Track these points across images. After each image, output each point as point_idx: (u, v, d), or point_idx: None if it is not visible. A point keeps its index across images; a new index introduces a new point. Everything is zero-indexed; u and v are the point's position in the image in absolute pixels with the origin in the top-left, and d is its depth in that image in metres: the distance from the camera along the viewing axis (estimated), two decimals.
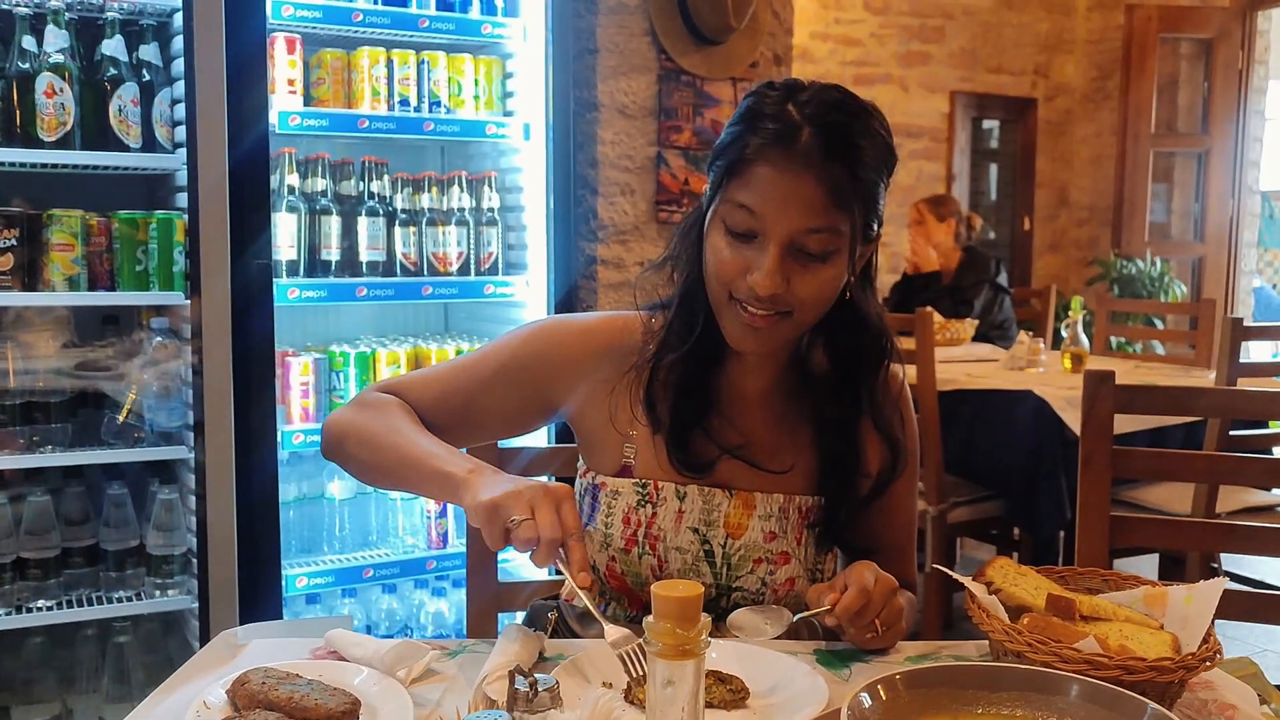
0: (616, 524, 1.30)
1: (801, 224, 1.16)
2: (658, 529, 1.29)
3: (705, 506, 1.29)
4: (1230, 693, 1.06)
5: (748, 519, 1.30)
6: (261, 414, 2.40)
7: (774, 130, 1.17)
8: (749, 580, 1.30)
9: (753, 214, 1.17)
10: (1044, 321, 4.74)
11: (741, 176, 1.19)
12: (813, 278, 1.19)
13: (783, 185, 1.16)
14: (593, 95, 3.07)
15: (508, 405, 1.35)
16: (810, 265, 1.19)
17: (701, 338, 1.28)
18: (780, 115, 1.18)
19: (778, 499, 1.31)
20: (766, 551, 1.30)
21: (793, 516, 1.31)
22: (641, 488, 1.30)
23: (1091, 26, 6.63)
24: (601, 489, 1.32)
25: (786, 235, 1.17)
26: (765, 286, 1.17)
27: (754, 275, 1.18)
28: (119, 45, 2.39)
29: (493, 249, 2.84)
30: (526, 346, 1.36)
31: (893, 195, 4.11)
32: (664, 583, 0.81)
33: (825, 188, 1.16)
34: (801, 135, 1.16)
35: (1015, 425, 3.13)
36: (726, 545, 1.30)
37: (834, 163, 1.16)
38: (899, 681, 0.90)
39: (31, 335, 2.48)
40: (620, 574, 1.31)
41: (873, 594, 1.14)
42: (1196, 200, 6.24)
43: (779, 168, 1.16)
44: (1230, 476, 2.23)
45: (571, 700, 0.98)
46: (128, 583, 2.49)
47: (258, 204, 2.38)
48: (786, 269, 1.18)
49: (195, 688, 1.04)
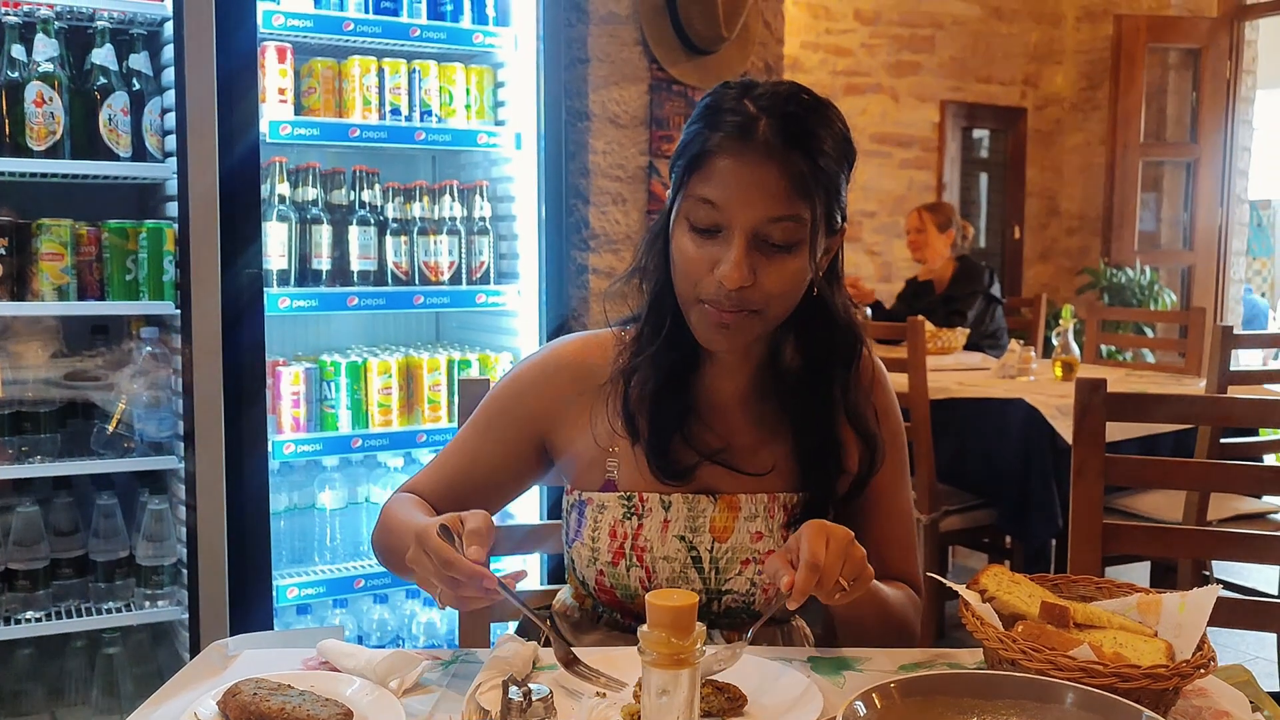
0: (603, 538, 1.30)
1: (765, 213, 1.17)
2: (644, 540, 1.29)
3: (690, 513, 1.29)
4: (1224, 700, 1.06)
5: (733, 521, 1.29)
6: (252, 424, 2.39)
7: (732, 123, 1.18)
8: (738, 582, 1.30)
9: (715, 207, 1.18)
10: (1035, 330, 4.75)
11: (702, 170, 1.19)
12: (778, 270, 1.19)
13: (744, 176, 1.17)
14: (584, 105, 3.08)
15: (505, 457, 1.36)
16: (775, 256, 1.19)
17: (673, 344, 1.28)
18: (738, 109, 1.19)
19: (762, 499, 1.31)
20: (753, 552, 1.30)
21: (778, 515, 1.31)
22: (626, 500, 1.30)
23: (1080, 37, 6.67)
24: (587, 505, 1.32)
25: (750, 225, 1.17)
26: (732, 279, 1.17)
27: (720, 268, 1.18)
28: (109, 54, 2.38)
29: (484, 258, 2.84)
30: (505, 393, 1.37)
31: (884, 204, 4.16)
32: (658, 592, 0.81)
33: (786, 176, 1.16)
34: (759, 126, 1.17)
35: (1007, 433, 3.14)
36: (714, 549, 1.29)
37: (794, 151, 1.17)
38: (894, 689, 0.90)
39: (20, 345, 2.46)
40: (609, 587, 1.31)
41: (824, 564, 1.06)
42: (1185, 209, 6.27)
43: (739, 159, 1.17)
44: (1222, 484, 2.23)
45: (565, 710, 0.98)
46: (117, 594, 2.47)
47: (248, 213, 2.37)
48: (752, 261, 1.18)
49: (186, 699, 1.03)
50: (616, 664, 1.10)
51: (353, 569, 2.73)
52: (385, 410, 2.72)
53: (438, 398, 2.78)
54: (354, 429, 2.70)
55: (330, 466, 2.75)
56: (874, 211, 6.16)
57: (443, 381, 2.79)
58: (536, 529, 1.63)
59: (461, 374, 2.79)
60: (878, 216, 6.18)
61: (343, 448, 2.70)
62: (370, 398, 2.72)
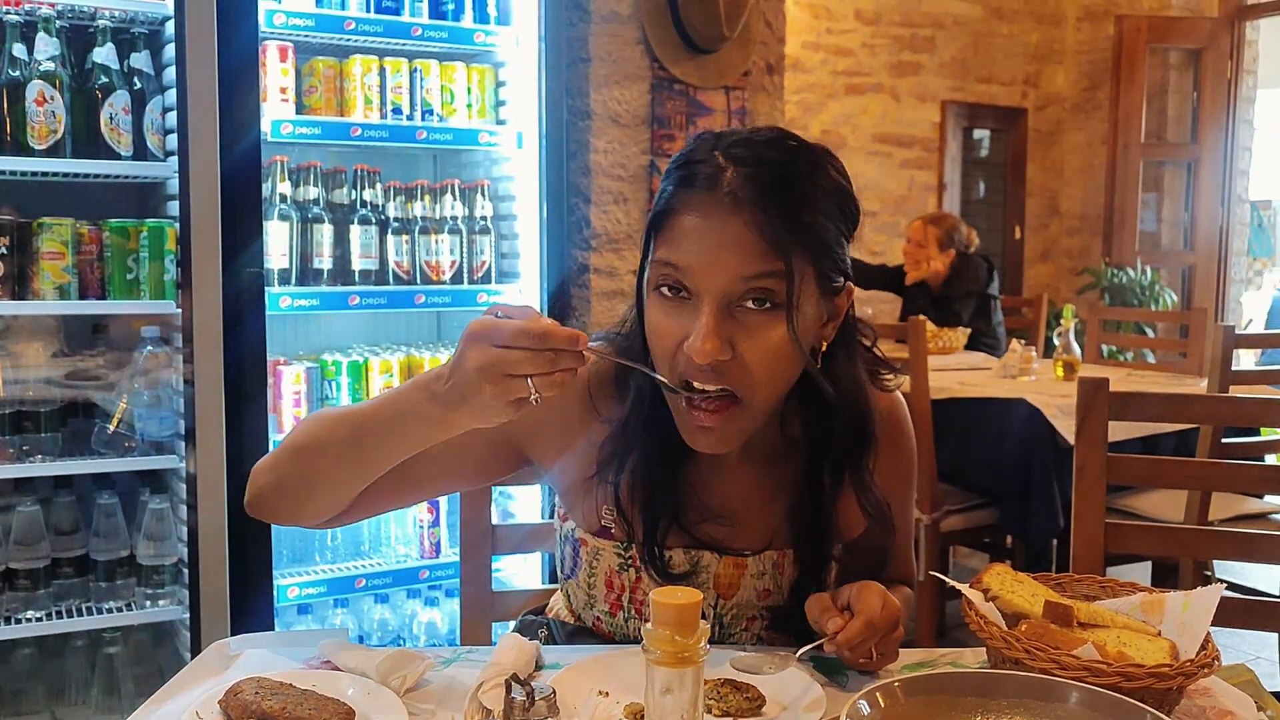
0: (600, 586, 1.24)
1: (735, 272, 1.03)
2: (643, 594, 1.22)
3: (693, 570, 1.21)
4: (1228, 699, 1.06)
5: (739, 578, 1.22)
6: (253, 423, 2.39)
7: (698, 176, 1.06)
8: (743, 638, 1.25)
9: (680, 270, 1.05)
10: (1036, 330, 4.75)
11: (665, 231, 1.07)
12: (759, 341, 1.05)
13: (709, 235, 1.04)
14: (585, 104, 3.07)
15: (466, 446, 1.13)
16: (753, 326, 1.05)
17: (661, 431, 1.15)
18: (707, 159, 1.07)
19: (770, 556, 1.23)
20: (761, 610, 1.24)
21: (787, 571, 1.23)
22: (624, 551, 1.22)
23: (1081, 37, 6.67)
24: (582, 545, 1.25)
25: (719, 290, 1.03)
26: (702, 351, 1.02)
27: (690, 341, 1.03)
28: (110, 53, 2.38)
29: (485, 257, 2.83)
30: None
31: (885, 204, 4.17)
32: (663, 589, 0.80)
33: (757, 232, 1.03)
34: (725, 177, 1.04)
35: (1008, 433, 3.14)
36: (718, 605, 1.23)
37: (767, 203, 1.03)
38: (898, 689, 0.90)
39: (21, 344, 2.46)
40: (608, 633, 1.27)
41: (878, 625, 1.08)
42: (1186, 209, 6.27)
43: (703, 214, 1.04)
44: (1224, 483, 2.23)
45: (568, 709, 0.98)
46: (118, 593, 2.47)
47: (249, 212, 2.37)
48: (727, 331, 1.04)
49: (187, 698, 1.03)
50: (618, 665, 1.10)
51: (354, 568, 2.73)
52: None
53: None
54: None
55: None
56: (875, 211, 6.16)
57: None
58: (537, 529, 1.63)
59: None
60: (879, 216, 6.18)
61: None
62: (372, 397, 2.71)
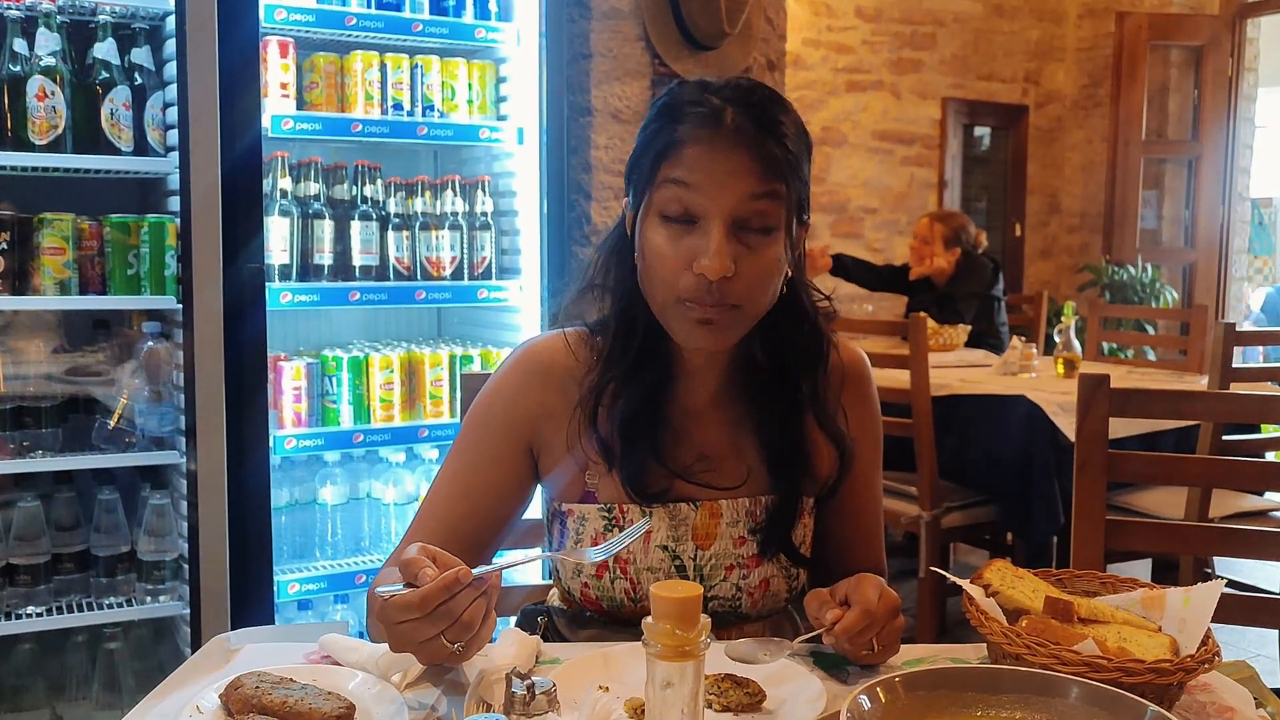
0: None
1: (743, 193, 1.15)
2: (627, 552, 1.27)
3: (672, 522, 1.28)
4: (1228, 695, 1.06)
5: (716, 527, 1.28)
6: (254, 419, 2.39)
7: (699, 114, 1.17)
8: (723, 588, 1.29)
9: (690, 189, 1.16)
10: (1036, 327, 4.75)
11: (673, 159, 1.17)
12: (758, 258, 1.17)
13: (718, 161, 1.16)
14: (586, 100, 3.07)
15: (502, 474, 1.29)
16: (754, 244, 1.17)
17: (644, 361, 1.26)
18: (701, 101, 1.18)
19: (743, 504, 1.29)
20: (738, 557, 1.29)
21: (760, 517, 1.29)
22: (607, 512, 1.28)
23: (1082, 34, 6.66)
24: (568, 515, 1.30)
25: (728, 209, 1.15)
26: (714, 269, 1.14)
27: (701, 260, 1.15)
28: (111, 48, 2.38)
29: (486, 253, 2.83)
30: (486, 408, 1.31)
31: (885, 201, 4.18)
32: (663, 583, 0.80)
33: (759, 160, 1.16)
34: (726, 115, 1.17)
35: (1008, 430, 3.14)
36: (697, 557, 1.28)
37: (764, 136, 1.16)
38: (898, 684, 0.90)
39: (22, 340, 2.46)
40: (595, 599, 1.30)
41: (876, 614, 1.11)
42: (1187, 207, 6.27)
43: (711, 145, 1.16)
44: (1224, 480, 2.23)
45: (569, 704, 0.98)
46: (118, 589, 2.47)
47: (250, 208, 2.37)
48: (733, 250, 1.15)
49: (188, 692, 1.03)
50: (618, 660, 1.10)
51: (354, 564, 2.73)
52: (387, 405, 2.72)
53: (440, 393, 2.78)
54: (355, 424, 2.70)
55: (332, 462, 2.75)
56: (875, 208, 6.16)
57: (445, 377, 2.79)
58: (537, 525, 1.63)
59: (463, 369, 2.79)
60: (879, 213, 6.18)
61: (344, 443, 2.69)
62: (372, 393, 2.72)
